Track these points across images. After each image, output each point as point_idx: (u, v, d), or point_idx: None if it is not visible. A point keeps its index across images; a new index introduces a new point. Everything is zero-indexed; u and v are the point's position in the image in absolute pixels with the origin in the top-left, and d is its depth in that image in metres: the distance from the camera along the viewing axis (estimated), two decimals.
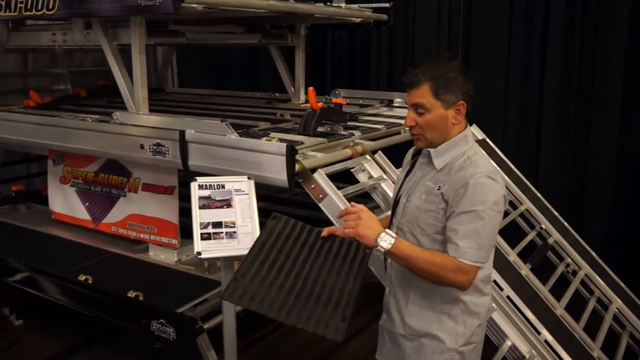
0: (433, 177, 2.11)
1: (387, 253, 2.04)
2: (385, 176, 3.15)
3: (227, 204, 2.57)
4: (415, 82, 2.07)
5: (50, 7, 3.52)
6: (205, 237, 2.50)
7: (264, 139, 2.96)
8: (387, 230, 2.05)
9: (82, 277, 3.26)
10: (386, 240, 2.02)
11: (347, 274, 2.22)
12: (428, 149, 2.15)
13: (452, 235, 2.00)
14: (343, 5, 4.41)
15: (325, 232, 2.32)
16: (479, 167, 2.03)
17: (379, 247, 2.03)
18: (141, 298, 3.03)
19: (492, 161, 2.18)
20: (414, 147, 2.29)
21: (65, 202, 4.14)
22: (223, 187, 2.60)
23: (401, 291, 2.22)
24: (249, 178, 2.66)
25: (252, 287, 2.12)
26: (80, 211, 4.05)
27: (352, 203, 2.24)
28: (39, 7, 3.57)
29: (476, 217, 1.96)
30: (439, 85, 2.04)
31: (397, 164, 3.08)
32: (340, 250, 2.30)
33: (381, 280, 2.48)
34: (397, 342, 2.25)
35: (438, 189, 2.07)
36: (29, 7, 3.63)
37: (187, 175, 3.04)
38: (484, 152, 2.17)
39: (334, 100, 3.65)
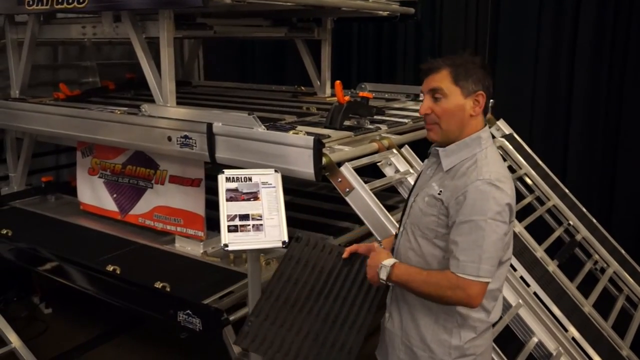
0: (440, 179, 2.01)
1: (389, 282, 2.04)
2: (411, 170, 3.13)
3: (254, 196, 2.58)
4: (435, 67, 2.00)
5: (81, 0, 3.56)
6: (232, 229, 2.51)
7: (291, 132, 2.96)
8: (385, 261, 2.04)
9: (109, 268, 3.30)
10: (384, 271, 2.02)
11: (360, 305, 2.27)
12: (437, 148, 2.06)
13: (453, 248, 1.89)
14: None
15: (346, 253, 2.37)
16: (482, 173, 1.90)
17: (380, 280, 2.04)
18: (168, 289, 3.05)
19: (504, 167, 2.01)
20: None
21: (93, 193, 4.19)
22: (250, 179, 2.61)
23: (400, 293, 2.14)
24: (275, 171, 2.66)
25: (263, 329, 2.22)
26: (108, 202, 4.09)
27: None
28: (70, 1, 3.61)
29: (476, 228, 1.85)
30: (460, 72, 1.96)
31: (423, 158, 3.06)
32: (359, 274, 2.33)
33: None
34: (393, 344, 2.19)
35: (439, 194, 1.97)
36: (60, 0, 3.68)
37: (214, 168, 3.06)
38: (499, 156, 2.04)
39: (361, 94, 3.64)
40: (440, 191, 1.97)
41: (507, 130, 4.18)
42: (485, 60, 2.07)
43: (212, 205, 3.04)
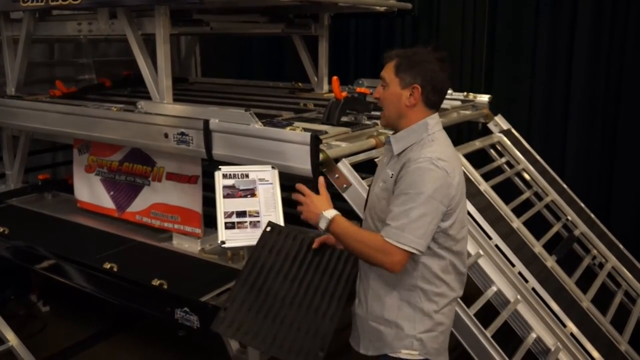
0: (393, 164, 2.12)
1: (326, 232, 2.11)
2: None
3: (251, 193, 2.58)
4: (388, 57, 2.15)
5: None
6: (229, 226, 2.52)
7: (288, 128, 2.95)
8: (327, 210, 2.11)
9: (107, 265, 3.29)
10: (323, 222, 2.10)
11: (332, 294, 2.32)
12: (389, 136, 2.18)
13: (388, 215, 2.01)
14: None
15: (315, 243, 2.42)
16: (425, 152, 2.01)
17: (319, 228, 2.11)
18: (165, 286, 3.04)
19: (450, 150, 2.12)
20: None
21: (90, 190, 4.18)
22: (247, 176, 2.61)
23: (364, 276, 2.23)
24: (272, 167, 2.66)
25: (239, 316, 2.25)
26: (105, 200, 4.08)
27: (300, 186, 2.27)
28: None
29: (409, 199, 1.96)
30: (402, 63, 2.08)
31: None
32: (329, 264, 2.39)
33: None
34: (363, 328, 2.25)
35: (391, 177, 2.08)
36: None
37: (211, 165, 3.04)
38: (447, 141, 2.14)
39: (358, 89, 3.62)
40: (392, 174, 2.08)
41: (505, 125, 4.18)
42: (444, 55, 2.11)
43: (209, 202, 3.03)
